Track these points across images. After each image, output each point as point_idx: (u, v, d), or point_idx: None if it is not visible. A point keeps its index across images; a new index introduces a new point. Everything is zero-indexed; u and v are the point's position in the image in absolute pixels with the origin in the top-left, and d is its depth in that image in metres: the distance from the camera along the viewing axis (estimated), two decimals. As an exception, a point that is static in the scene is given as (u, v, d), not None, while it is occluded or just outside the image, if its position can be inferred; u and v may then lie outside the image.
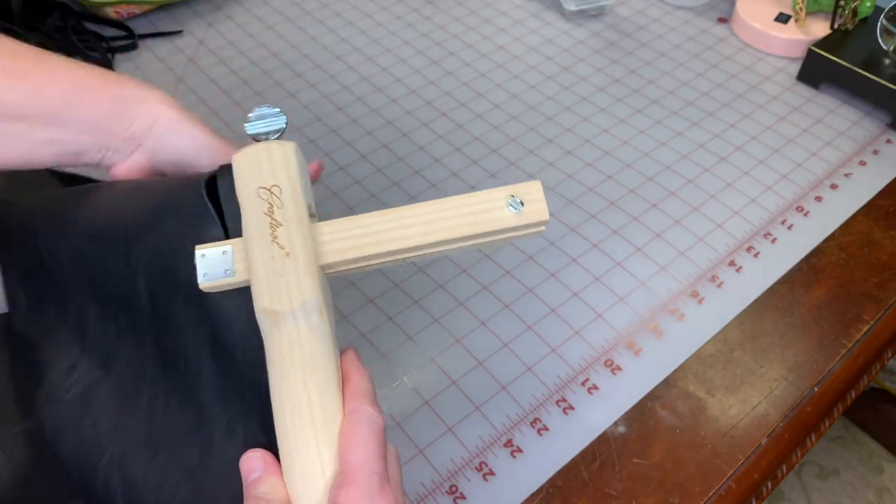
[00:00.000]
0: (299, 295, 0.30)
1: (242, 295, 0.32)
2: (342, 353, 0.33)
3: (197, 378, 0.35)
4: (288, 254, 0.31)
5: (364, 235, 0.33)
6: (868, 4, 0.75)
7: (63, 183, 0.45)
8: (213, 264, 0.31)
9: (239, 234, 0.33)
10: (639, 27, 0.84)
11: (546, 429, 0.49)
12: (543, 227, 0.34)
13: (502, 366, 0.52)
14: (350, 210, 0.63)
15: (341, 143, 0.70)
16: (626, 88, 0.75)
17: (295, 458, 0.29)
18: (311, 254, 0.31)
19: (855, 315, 0.55)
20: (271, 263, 0.31)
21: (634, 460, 0.47)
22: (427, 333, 0.54)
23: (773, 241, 0.60)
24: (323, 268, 0.32)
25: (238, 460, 0.30)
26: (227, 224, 0.33)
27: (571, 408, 0.50)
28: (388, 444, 0.31)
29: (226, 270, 0.32)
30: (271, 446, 0.31)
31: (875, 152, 0.68)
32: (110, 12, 0.80)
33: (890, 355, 0.57)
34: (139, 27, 0.82)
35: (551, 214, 0.62)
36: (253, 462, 0.30)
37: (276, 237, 0.31)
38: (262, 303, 0.30)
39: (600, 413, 0.50)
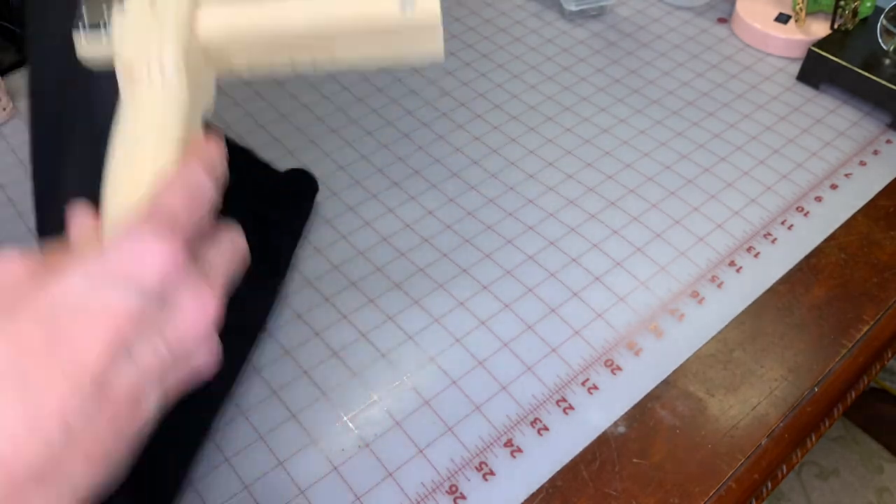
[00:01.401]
0: (158, 49, 0.30)
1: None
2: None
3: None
4: (155, 15, 0.30)
5: (243, 14, 0.31)
6: (868, 4, 0.75)
7: None
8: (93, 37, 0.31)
9: None
10: (639, 27, 0.84)
11: (546, 429, 0.49)
12: (438, 47, 0.32)
13: (502, 366, 0.52)
14: (350, 209, 0.63)
15: (341, 143, 0.70)
16: (626, 89, 0.75)
17: (110, 201, 0.28)
18: (182, 15, 0.30)
19: (855, 315, 0.55)
20: (141, 18, 0.30)
21: (634, 460, 0.47)
22: (427, 333, 0.54)
23: (773, 241, 0.60)
24: (201, 42, 0.31)
25: None
26: None
27: (571, 408, 0.50)
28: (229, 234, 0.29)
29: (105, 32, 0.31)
30: None
31: (875, 152, 0.68)
32: (110, 12, 0.80)
33: (890, 355, 0.58)
34: (139, 27, 0.82)
35: (551, 214, 0.62)
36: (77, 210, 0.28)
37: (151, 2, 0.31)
38: (121, 52, 0.30)
39: (600, 413, 0.50)
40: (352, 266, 0.59)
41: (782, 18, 0.79)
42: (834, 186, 0.65)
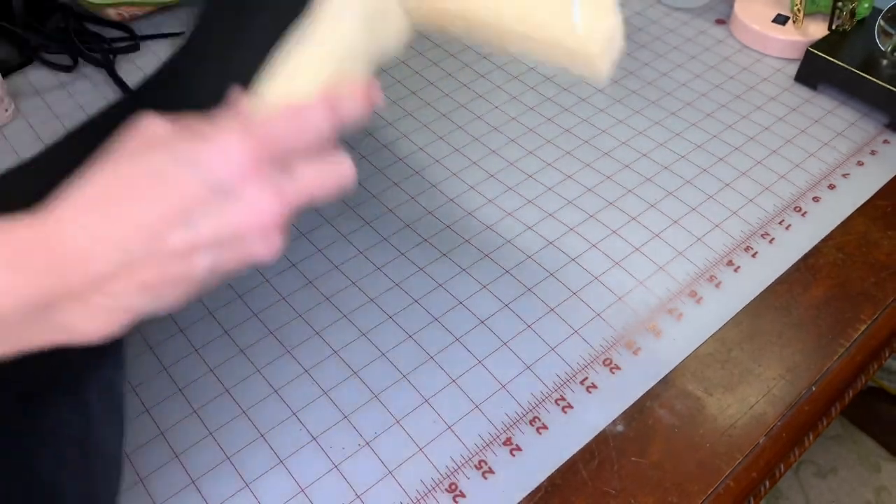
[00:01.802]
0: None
1: None
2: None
3: None
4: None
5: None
6: (866, 5, 0.75)
7: None
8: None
9: None
10: (637, 29, 0.84)
11: (545, 427, 0.49)
12: (601, 75, 0.37)
13: (502, 365, 0.53)
14: (349, 209, 0.63)
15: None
16: (624, 90, 0.75)
17: (260, 88, 0.32)
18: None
19: (853, 315, 0.56)
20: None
21: (633, 459, 0.48)
22: (427, 332, 0.55)
23: (772, 241, 0.61)
24: None
25: None
26: None
27: (570, 406, 0.50)
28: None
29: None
30: None
31: (873, 153, 0.68)
32: (112, 14, 0.80)
33: (887, 354, 0.58)
34: (141, 29, 0.82)
35: (550, 214, 0.62)
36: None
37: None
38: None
39: (599, 412, 0.50)
40: (352, 266, 0.59)
41: (780, 19, 0.79)
42: (832, 187, 0.65)
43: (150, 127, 0.29)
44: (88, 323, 0.29)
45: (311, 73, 0.32)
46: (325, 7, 0.33)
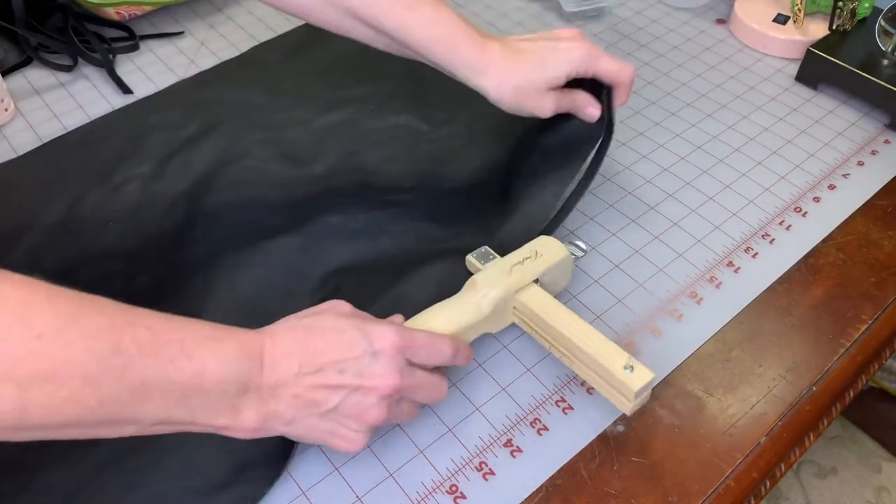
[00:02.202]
0: (490, 290, 0.50)
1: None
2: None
3: None
4: (508, 274, 0.51)
5: (542, 306, 0.51)
6: (866, 5, 0.75)
7: None
8: (484, 256, 0.54)
9: None
10: (637, 28, 0.84)
11: (545, 428, 0.49)
12: (629, 408, 0.48)
13: (502, 367, 0.53)
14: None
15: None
16: (625, 89, 0.75)
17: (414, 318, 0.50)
18: (513, 285, 0.51)
19: (853, 315, 0.56)
20: (500, 270, 0.51)
21: (633, 459, 0.48)
22: (427, 334, 0.55)
23: (772, 241, 0.61)
24: (513, 300, 0.51)
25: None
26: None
27: (571, 407, 0.50)
28: None
29: (489, 259, 0.53)
30: None
31: (873, 153, 0.68)
32: (111, 13, 0.80)
33: (888, 355, 0.58)
34: (140, 28, 0.82)
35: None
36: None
37: (513, 266, 0.52)
38: (476, 275, 0.51)
39: (599, 412, 0.50)
40: (352, 267, 0.59)
41: (781, 19, 0.79)
42: (832, 187, 0.65)
43: (341, 305, 0.45)
44: (252, 418, 0.39)
45: (443, 327, 0.48)
46: (471, 293, 0.50)
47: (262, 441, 0.42)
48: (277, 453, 0.47)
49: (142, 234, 0.60)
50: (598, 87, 0.57)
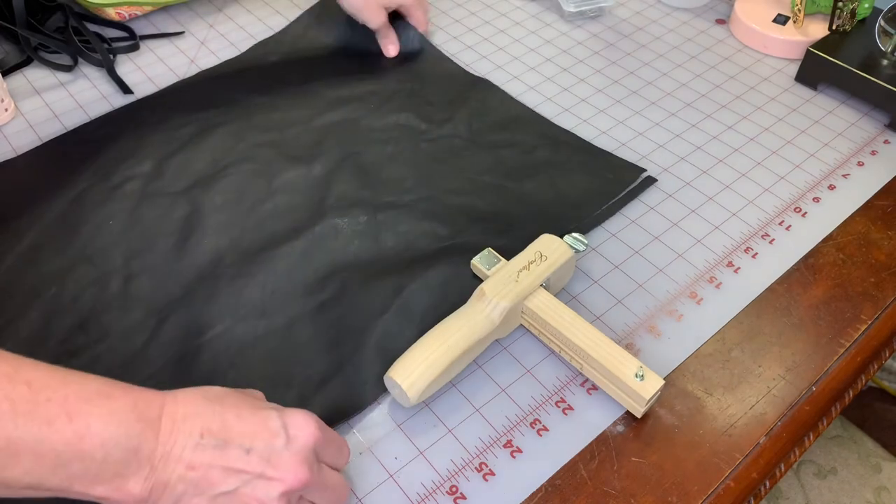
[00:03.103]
0: (500, 300, 0.51)
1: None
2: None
3: None
4: (516, 281, 0.52)
5: (553, 314, 0.51)
6: (866, 6, 0.75)
7: None
8: (489, 260, 0.55)
9: None
10: (637, 28, 0.84)
11: (545, 429, 0.49)
12: (640, 410, 0.49)
13: (502, 368, 0.53)
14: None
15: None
16: (624, 90, 0.75)
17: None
18: (521, 293, 0.51)
19: (853, 315, 0.56)
20: (507, 277, 0.52)
21: (633, 459, 0.48)
22: (427, 334, 0.55)
23: (772, 241, 0.61)
24: (522, 306, 0.52)
25: None
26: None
27: (570, 408, 0.50)
28: None
29: (494, 263, 0.55)
30: None
31: (873, 153, 0.68)
32: (112, 13, 0.80)
33: (888, 354, 0.58)
34: (141, 28, 0.82)
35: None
36: None
37: (520, 271, 0.52)
38: (486, 283, 0.52)
39: (599, 413, 0.50)
40: (352, 267, 0.59)
41: (780, 19, 0.79)
42: (832, 187, 0.65)
43: (257, 393, 0.43)
44: (137, 489, 0.35)
45: (459, 342, 0.49)
46: (480, 304, 0.51)
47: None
48: (330, 406, 0.48)
49: (141, 233, 0.60)
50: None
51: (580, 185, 0.64)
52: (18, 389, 0.33)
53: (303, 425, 0.39)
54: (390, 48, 0.76)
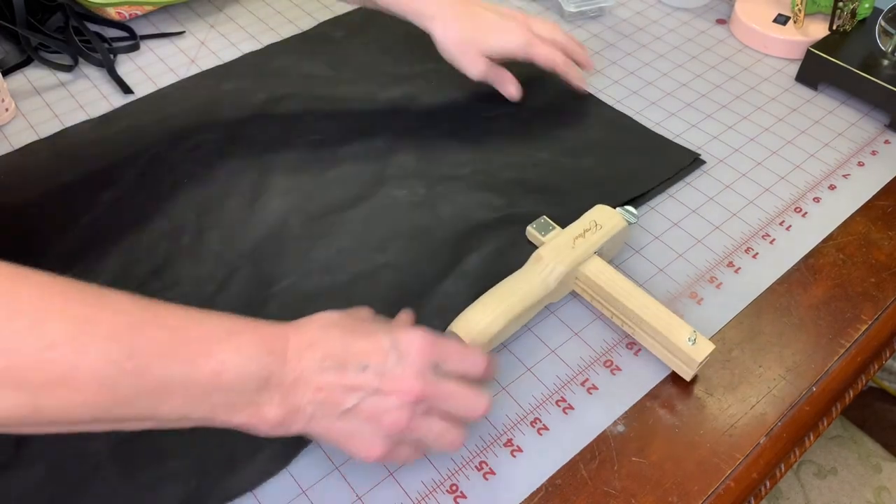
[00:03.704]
0: (557, 265, 0.53)
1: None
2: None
3: None
4: (572, 248, 0.54)
5: (607, 278, 0.53)
6: (866, 6, 0.75)
7: None
8: (544, 227, 0.57)
9: None
10: (637, 28, 0.84)
11: (546, 428, 0.49)
12: (689, 374, 0.51)
13: (502, 367, 0.53)
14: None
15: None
16: (624, 90, 0.75)
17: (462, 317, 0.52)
18: (577, 258, 0.53)
19: (853, 315, 0.56)
20: (563, 243, 0.54)
21: (633, 459, 0.48)
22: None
23: (772, 241, 0.61)
24: (576, 272, 0.54)
25: None
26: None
27: (571, 407, 0.50)
28: None
29: (549, 230, 0.57)
30: None
31: (873, 153, 0.68)
32: (112, 13, 0.80)
33: (888, 355, 0.58)
34: (141, 28, 0.82)
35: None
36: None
37: (576, 238, 0.54)
38: (543, 249, 0.54)
39: (599, 412, 0.50)
40: (352, 266, 0.59)
41: (781, 19, 0.79)
42: (832, 187, 0.65)
43: (363, 311, 0.46)
44: (273, 414, 0.39)
45: (516, 303, 0.51)
46: (537, 267, 0.53)
47: None
48: None
49: (214, 192, 0.64)
50: None
51: (634, 164, 0.66)
52: (162, 334, 0.36)
53: (412, 341, 0.41)
54: (510, 89, 0.68)
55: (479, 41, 0.64)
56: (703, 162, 0.67)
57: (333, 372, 0.39)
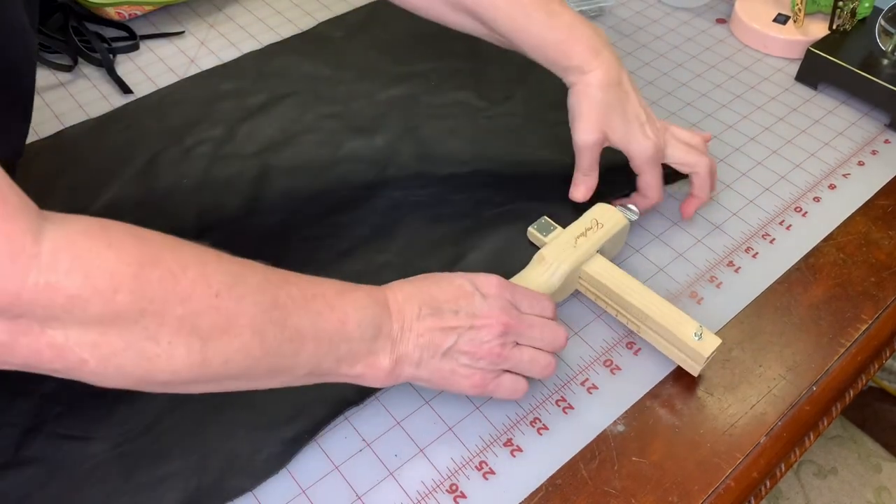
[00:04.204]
0: (560, 264, 0.53)
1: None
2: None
3: None
4: (574, 247, 0.54)
5: (609, 277, 0.53)
6: (866, 5, 0.75)
7: None
8: (545, 227, 0.58)
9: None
10: (637, 28, 0.84)
11: (546, 428, 0.49)
12: (697, 370, 0.51)
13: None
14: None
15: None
16: (625, 89, 0.75)
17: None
18: (580, 258, 0.54)
19: (853, 314, 0.56)
20: (565, 242, 0.54)
21: (633, 459, 0.48)
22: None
23: (772, 241, 0.61)
24: (580, 271, 0.54)
25: None
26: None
27: (571, 407, 0.50)
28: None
29: (551, 230, 0.57)
30: None
31: (873, 153, 0.68)
32: (112, 13, 0.80)
33: (888, 354, 0.58)
34: (141, 28, 0.82)
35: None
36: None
37: (577, 237, 0.54)
38: (545, 249, 0.54)
39: (599, 412, 0.50)
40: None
41: (781, 19, 0.79)
42: (832, 187, 0.65)
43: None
44: (386, 362, 0.43)
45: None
46: (541, 268, 0.53)
47: (317, 385, 0.44)
48: (330, 396, 0.49)
49: (213, 192, 0.63)
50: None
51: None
52: (292, 290, 0.40)
53: (490, 283, 0.46)
54: (582, 189, 0.60)
55: (611, 116, 0.56)
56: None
57: (431, 318, 0.44)
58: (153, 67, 0.78)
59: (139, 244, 0.35)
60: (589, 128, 0.56)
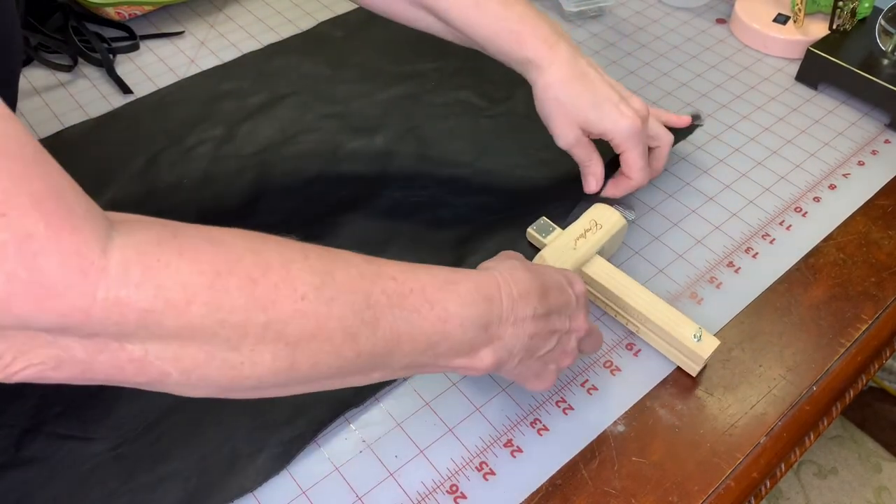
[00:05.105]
0: (562, 265, 0.52)
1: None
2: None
3: None
4: (574, 249, 0.54)
5: (608, 276, 0.53)
6: (866, 5, 0.75)
7: None
8: (544, 228, 0.57)
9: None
10: (638, 28, 0.84)
11: (546, 429, 0.49)
12: (696, 369, 0.51)
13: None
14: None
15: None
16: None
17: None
18: (580, 259, 0.53)
19: (853, 314, 0.56)
20: (564, 244, 0.54)
21: (633, 459, 0.48)
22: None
23: (772, 241, 0.61)
24: (580, 272, 0.54)
25: None
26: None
27: (571, 408, 0.50)
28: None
29: (550, 231, 0.57)
30: None
31: (873, 153, 0.68)
32: (111, 13, 0.80)
33: (888, 354, 0.58)
34: (140, 28, 0.82)
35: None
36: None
37: (577, 239, 0.54)
38: (545, 251, 0.54)
39: (599, 412, 0.50)
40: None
41: (781, 19, 0.79)
42: (832, 187, 0.65)
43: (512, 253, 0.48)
44: (489, 357, 0.40)
45: None
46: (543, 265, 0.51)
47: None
48: (331, 397, 0.49)
49: (213, 192, 0.63)
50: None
51: None
52: (388, 284, 0.37)
53: (578, 284, 0.45)
54: (591, 181, 0.59)
55: (580, 110, 0.55)
56: (702, 124, 0.65)
57: (543, 320, 0.42)
58: (153, 67, 0.78)
59: (214, 249, 0.32)
60: (564, 131, 0.57)
